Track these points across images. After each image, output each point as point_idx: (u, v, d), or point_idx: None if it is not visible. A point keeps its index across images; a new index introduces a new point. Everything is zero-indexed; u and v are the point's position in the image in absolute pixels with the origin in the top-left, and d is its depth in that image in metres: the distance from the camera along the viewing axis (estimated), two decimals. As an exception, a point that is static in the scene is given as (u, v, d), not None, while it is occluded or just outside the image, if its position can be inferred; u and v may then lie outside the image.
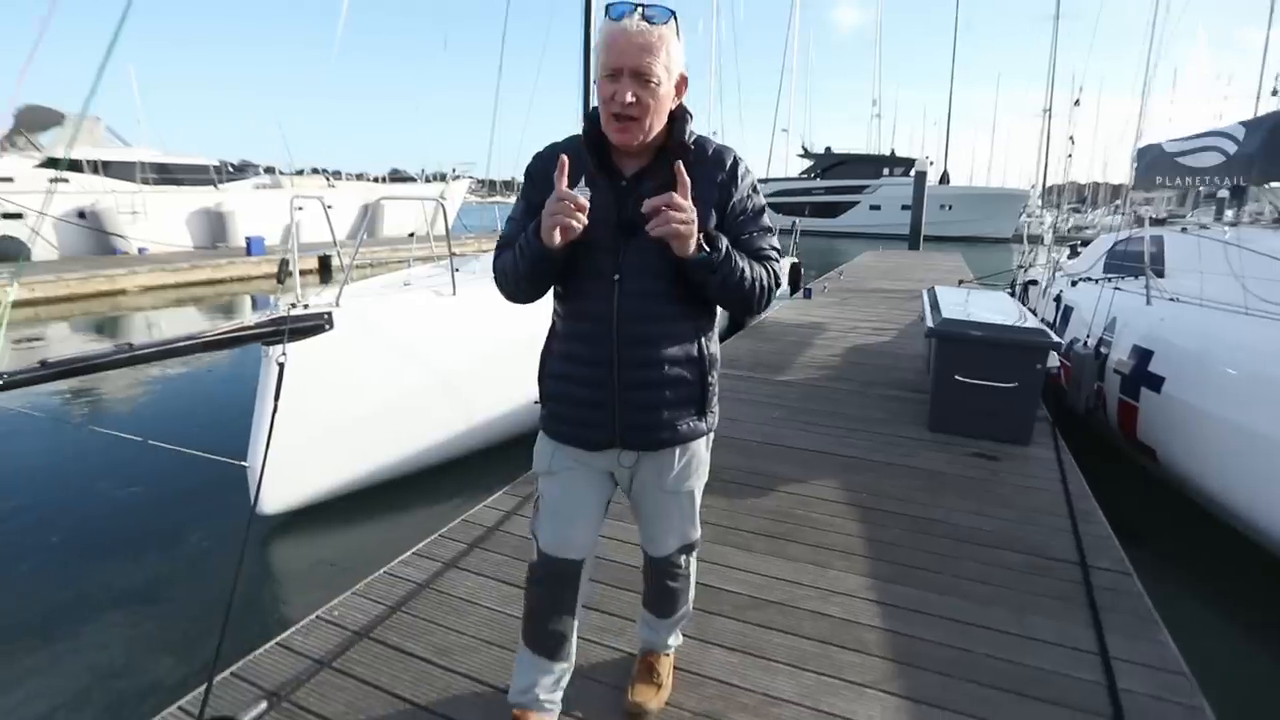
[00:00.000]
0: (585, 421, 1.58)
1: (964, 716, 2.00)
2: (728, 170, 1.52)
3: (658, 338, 1.52)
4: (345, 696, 2.02)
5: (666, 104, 1.44)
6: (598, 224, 1.43)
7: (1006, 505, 3.44)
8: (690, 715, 1.99)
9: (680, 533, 1.79)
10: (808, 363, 6.38)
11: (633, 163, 1.51)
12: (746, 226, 1.53)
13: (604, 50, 1.40)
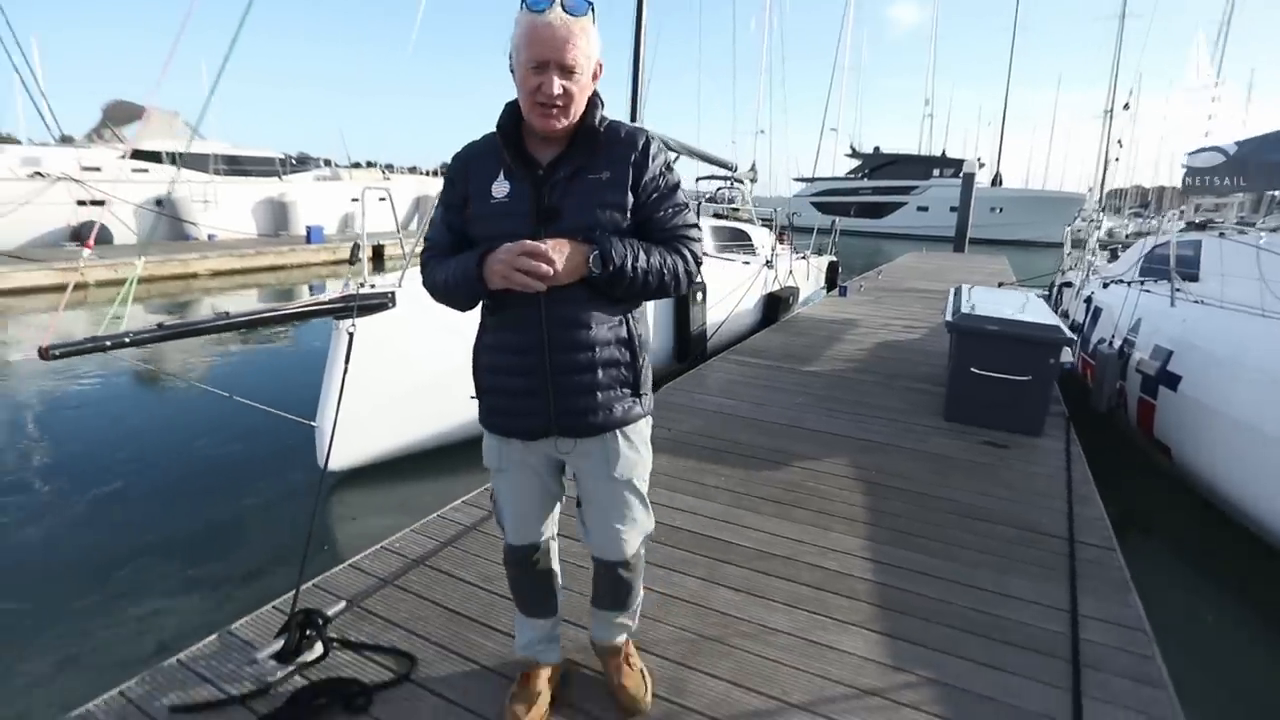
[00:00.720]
0: (520, 411, 1.60)
1: (936, 653, 2.29)
2: (639, 149, 1.53)
3: (586, 321, 1.54)
4: (406, 606, 2.42)
5: (587, 91, 1.50)
6: (517, 216, 1.49)
7: (1008, 487, 3.67)
8: (695, 638, 2.32)
9: (640, 527, 1.78)
10: (835, 355, 6.62)
11: (548, 150, 1.54)
12: (660, 204, 1.56)
13: (527, 44, 1.41)
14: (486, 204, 1.53)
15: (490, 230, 1.51)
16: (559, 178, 1.50)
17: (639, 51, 8.14)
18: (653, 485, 1.77)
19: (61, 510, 4.27)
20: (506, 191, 1.50)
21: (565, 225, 1.47)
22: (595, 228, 1.49)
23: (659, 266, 1.51)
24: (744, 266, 8.05)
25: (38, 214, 15.02)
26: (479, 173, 1.55)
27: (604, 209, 1.50)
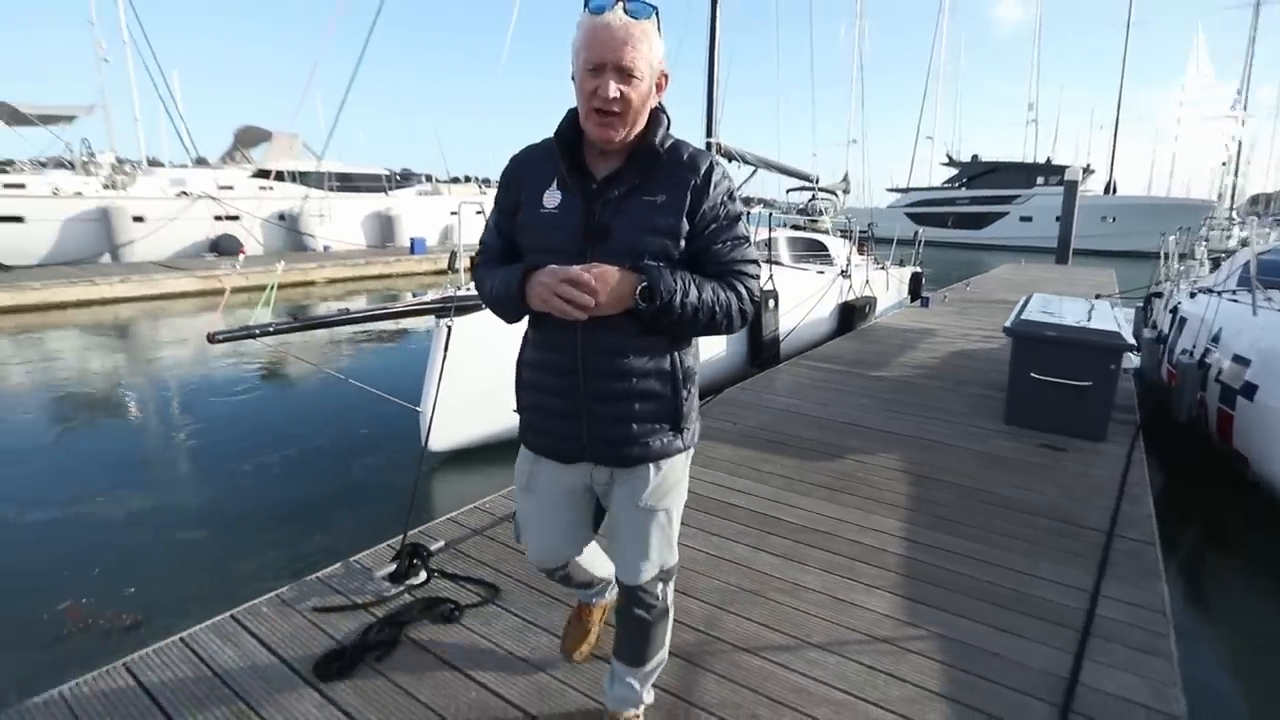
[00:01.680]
0: (556, 432, 1.56)
1: (952, 615, 2.54)
2: (701, 175, 1.46)
3: (624, 348, 1.48)
4: (493, 551, 2.89)
5: (648, 101, 1.43)
6: (564, 229, 1.44)
7: (1056, 485, 3.80)
8: (736, 590, 2.67)
9: (657, 557, 1.65)
10: (905, 362, 6.76)
11: (605, 164, 1.48)
12: (719, 235, 1.48)
13: (585, 45, 1.36)
14: (536, 213, 1.47)
15: (536, 241, 1.48)
16: (612, 195, 1.43)
17: (713, 60, 8.51)
18: (715, 469, 1.99)
19: (229, 470, 5.21)
20: (557, 202, 1.45)
21: (613, 246, 1.41)
22: (644, 253, 1.42)
23: (710, 304, 1.42)
24: (818, 276, 8.27)
25: (182, 228, 16.85)
26: (532, 179, 1.50)
27: (655, 234, 1.42)
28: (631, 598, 1.70)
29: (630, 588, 1.68)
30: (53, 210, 14.95)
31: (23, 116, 16.67)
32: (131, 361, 9.00)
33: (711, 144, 8.58)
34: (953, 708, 2.06)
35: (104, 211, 15.36)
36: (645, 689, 1.85)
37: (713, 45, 8.49)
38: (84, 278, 12.49)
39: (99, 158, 17.60)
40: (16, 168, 17.18)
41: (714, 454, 4.12)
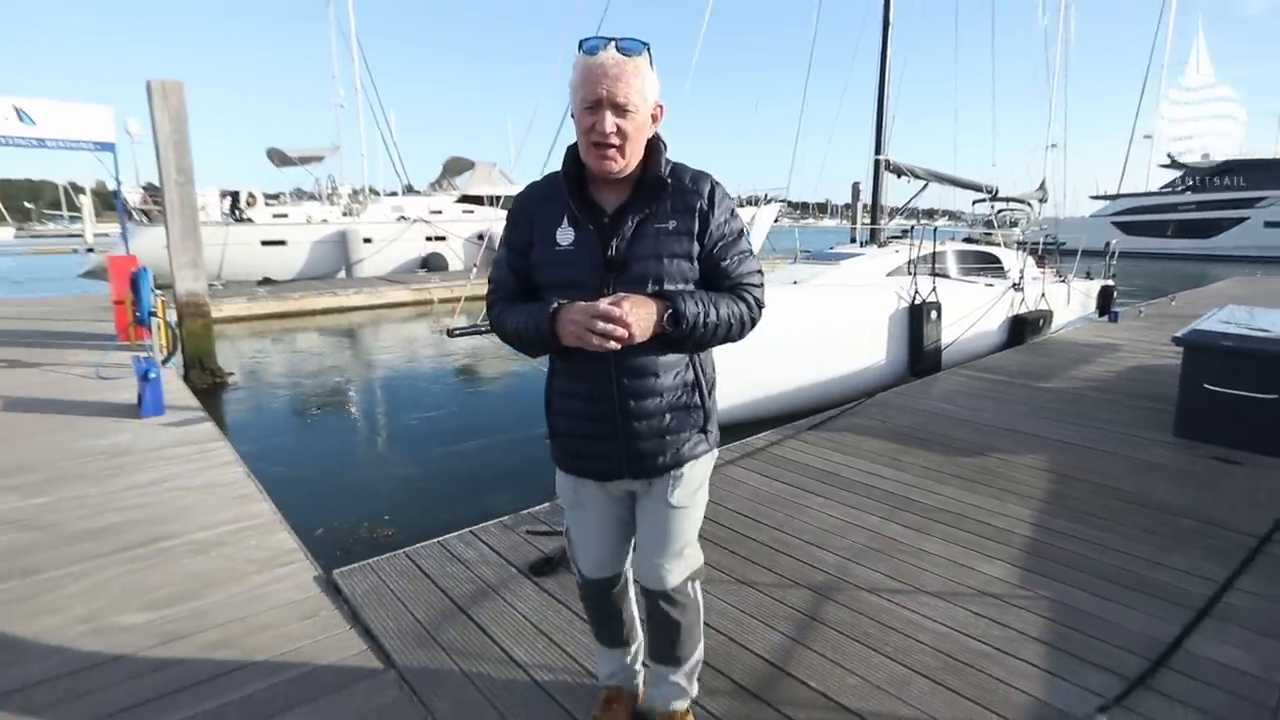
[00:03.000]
0: (593, 454, 1.63)
1: (1063, 584, 2.80)
2: (706, 197, 1.53)
3: (655, 368, 1.55)
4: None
5: (644, 132, 1.49)
6: (585, 264, 1.49)
7: (1215, 492, 3.78)
8: (865, 548, 3.11)
9: (685, 554, 1.74)
10: (1076, 375, 6.60)
11: (613, 197, 1.54)
12: (727, 252, 1.56)
13: (581, 83, 1.42)
14: (551, 250, 1.53)
15: (556, 278, 1.53)
16: (625, 226, 1.50)
17: (883, 80, 8.73)
18: (859, 457, 2.30)
19: (456, 438, 6.39)
20: (571, 239, 1.51)
21: (633, 275, 1.48)
22: (663, 278, 1.49)
23: (727, 318, 1.52)
24: (986, 289, 8.18)
25: (400, 248, 19.48)
26: (542, 217, 1.55)
27: (672, 259, 1.51)
28: (665, 601, 1.74)
29: (662, 593, 1.73)
30: (306, 235, 18.02)
31: (289, 159, 20.22)
32: (365, 355, 10.85)
33: (880, 160, 8.82)
34: (1045, 650, 2.38)
35: (342, 235, 18.24)
36: (691, 683, 1.92)
37: (883, 66, 8.74)
38: (328, 290, 15.00)
39: (340, 190, 20.87)
40: (280, 200, 20.84)
41: (859, 445, 4.51)
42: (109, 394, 5.92)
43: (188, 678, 2.23)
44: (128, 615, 2.60)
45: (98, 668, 2.29)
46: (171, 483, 3.95)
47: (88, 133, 10.58)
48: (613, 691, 1.99)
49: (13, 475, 4.02)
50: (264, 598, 2.73)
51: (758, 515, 3.49)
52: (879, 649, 2.40)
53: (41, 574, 2.90)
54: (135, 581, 2.85)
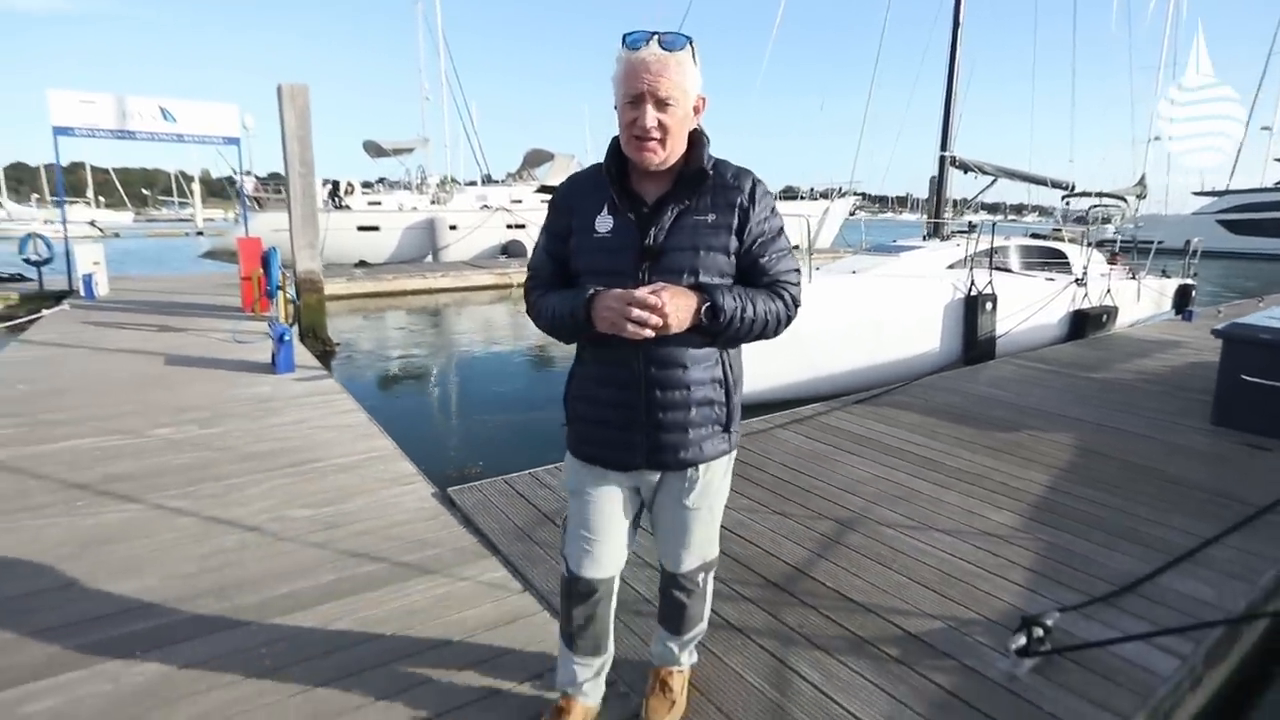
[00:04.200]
0: (614, 443, 1.62)
1: (1060, 531, 3.23)
2: (747, 193, 1.55)
3: (685, 360, 1.56)
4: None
5: (686, 125, 1.50)
6: (623, 251, 1.51)
7: (1237, 471, 4.07)
8: (888, 495, 3.60)
9: (700, 550, 1.78)
10: (1129, 367, 6.78)
11: (653, 188, 1.55)
12: (766, 249, 1.57)
13: (624, 78, 1.44)
14: (589, 238, 1.55)
15: (592, 265, 1.55)
16: (665, 217, 1.51)
17: (952, 77, 8.95)
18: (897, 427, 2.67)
19: (532, 401, 6.98)
20: (610, 227, 1.53)
21: (669, 265, 1.50)
22: (699, 270, 1.51)
23: (763, 315, 1.53)
24: (1046, 283, 8.34)
25: (483, 235, 20.51)
26: (583, 205, 1.58)
27: (709, 251, 1.52)
28: (673, 583, 1.85)
29: (672, 574, 1.83)
30: (397, 221, 19.25)
31: (384, 150, 21.57)
32: (450, 332, 11.80)
33: (945, 156, 9.06)
34: (1031, 575, 2.85)
35: (430, 221, 19.39)
36: (684, 653, 1.99)
37: (952, 65, 8.96)
38: (417, 272, 16.10)
39: (429, 179, 22.12)
40: (375, 189, 22.27)
41: (899, 418, 4.96)
42: (245, 354, 6.91)
43: (344, 552, 2.96)
44: (295, 510, 3.37)
45: (280, 540, 3.06)
46: (310, 423, 4.77)
47: (218, 128, 11.86)
48: (567, 701, 1.87)
49: (187, 412, 4.94)
50: (395, 506, 3.46)
51: (799, 468, 4.02)
52: (888, 565, 2.92)
53: (228, 480, 3.72)
54: (296, 489, 3.63)
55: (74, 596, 2.61)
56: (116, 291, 11.32)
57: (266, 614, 2.50)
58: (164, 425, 4.63)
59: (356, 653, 2.29)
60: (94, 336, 7.71)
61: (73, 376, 5.92)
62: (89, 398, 5.26)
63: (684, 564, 1.79)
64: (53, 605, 2.55)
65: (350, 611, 2.53)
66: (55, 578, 2.74)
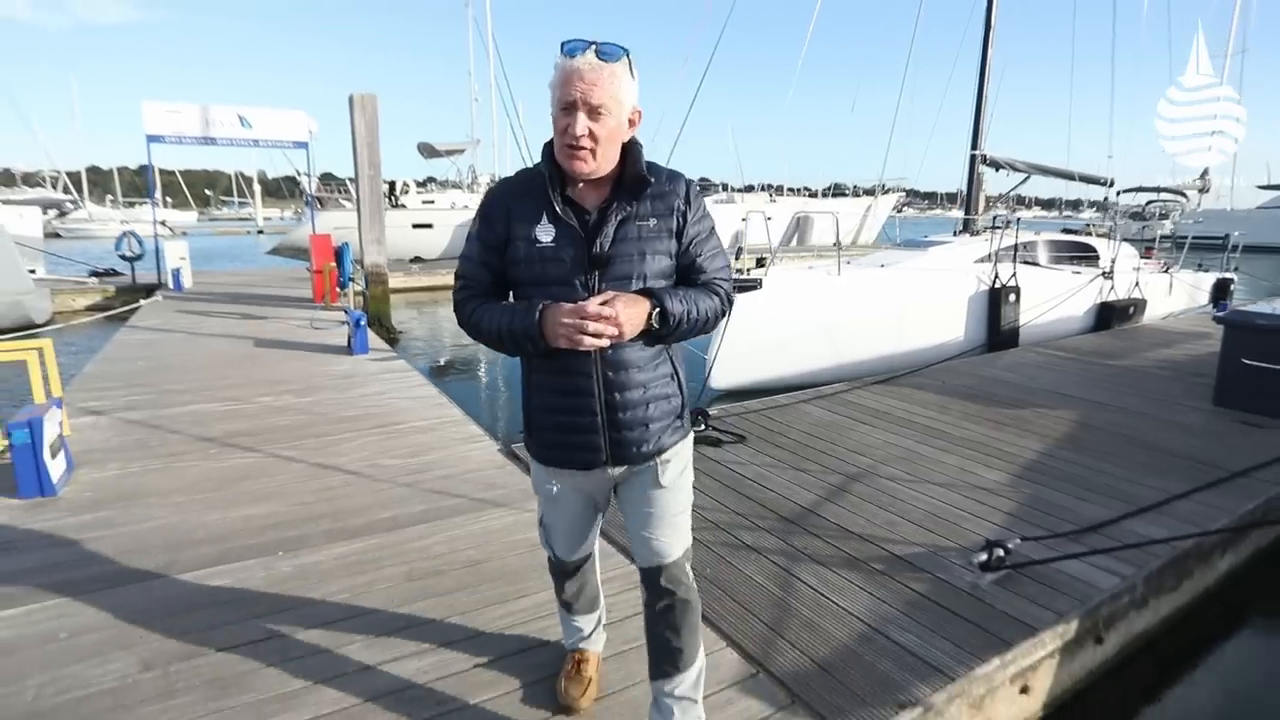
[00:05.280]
0: (576, 445, 1.64)
1: (1046, 489, 3.68)
2: (683, 197, 1.58)
3: (638, 362, 1.59)
4: (743, 423, 4.65)
5: (619, 135, 1.50)
6: (569, 260, 1.51)
7: (1225, 445, 4.43)
8: (892, 456, 4.09)
9: (682, 533, 1.77)
10: (1149, 356, 7.07)
11: (593, 195, 1.56)
12: (701, 248, 1.61)
13: (559, 84, 1.44)
14: (532, 248, 1.53)
15: (536, 275, 1.54)
16: (608, 225, 1.52)
17: (983, 77, 9.25)
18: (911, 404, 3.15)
19: None
20: (552, 236, 1.52)
21: (617, 273, 1.52)
22: (645, 275, 1.54)
23: (704, 312, 1.58)
24: (1072, 276, 8.61)
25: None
26: (520, 214, 1.55)
27: (655, 256, 1.55)
28: (666, 579, 1.73)
29: (660, 569, 1.73)
30: (449, 219, 20.12)
31: (436, 151, 22.51)
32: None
33: (975, 155, 9.38)
34: (1008, 517, 3.33)
35: (482, 219, 20.20)
36: (697, 692, 1.82)
37: (983, 66, 9.27)
38: (470, 268, 16.92)
39: (479, 179, 23.00)
40: (428, 188, 23.25)
41: (914, 396, 5.43)
42: (323, 338, 7.69)
43: (430, 490, 3.60)
44: (386, 460, 4.03)
45: (376, 481, 3.71)
46: (388, 394, 5.47)
47: (288, 134, 12.78)
48: (581, 654, 2.11)
49: (283, 384, 5.68)
50: (468, 458, 4.09)
51: (817, 434, 4.54)
52: (885, 508, 3.43)
53: (326, 437, 4.42)
54: (384, 444, 4.30)
55: (225, 515, 3.30)
56: (200, 284, 12.35)
57: (373, 531, 3.15)
58: (265, 395, 5.38)
59: (447, 558, 2.92)
60: (189, 323, 8.62)
61: (179, 355, 6.76)
62: (198, 372, 6.06)
63: (674, 548, 1.74)
64: (210, 521, 3.24)
65: (438, 531, 3.16)
66: (207, 503, 3.44)
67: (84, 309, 11.72)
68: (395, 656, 2.25)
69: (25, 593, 2.60)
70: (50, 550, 2.93)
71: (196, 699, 2.05)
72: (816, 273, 7.42)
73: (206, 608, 2.53)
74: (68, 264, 14.30)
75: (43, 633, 2.37)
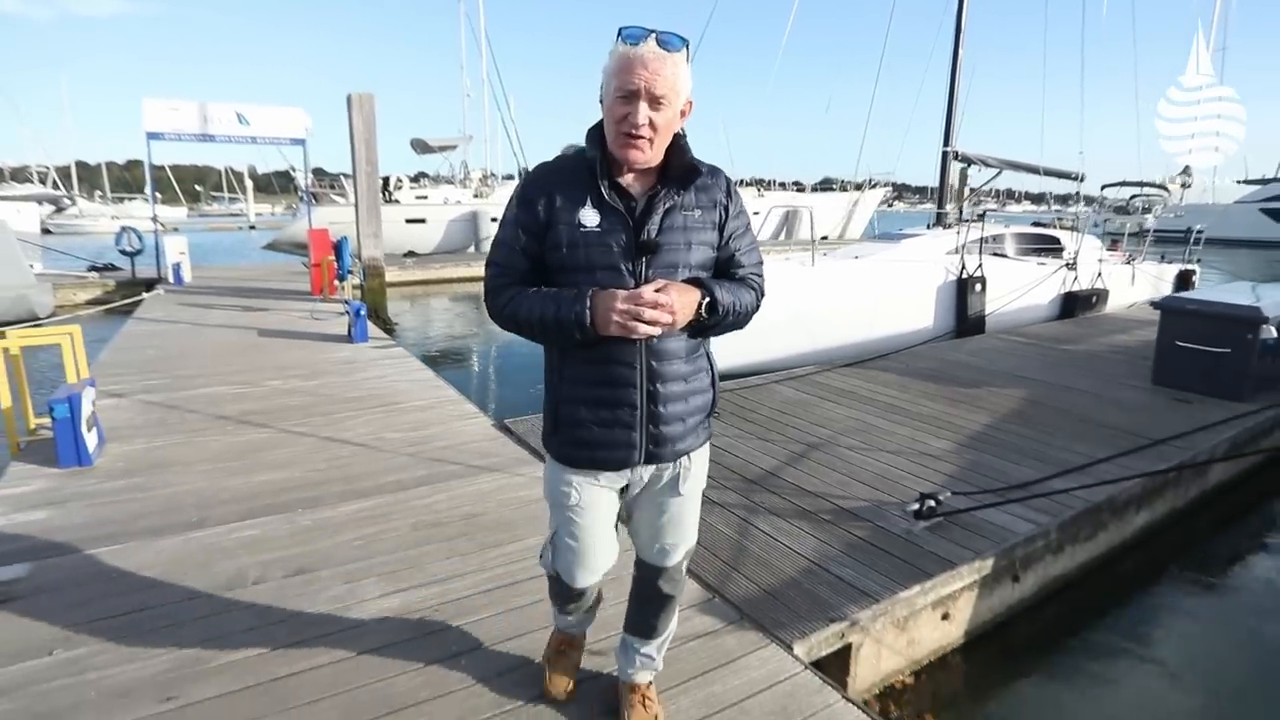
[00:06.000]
0: (615, 443, 1.60)
1: (982, 454, 4.10)
2: (724, 190, 1.59)
3: (682, 353, 1.59)
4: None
5: (674, 126, 1.50)
6: (613, 248, 1.49)
7: (1151, 417, 4.87)
8: (850, 428, 4.50)
9: (688, 538, 1.79)
10: (1104, 341, 7.52)
11: (639, 183, 1.54)
12: (741, 241, 1.63)
13: (618, 72, 1.43)
14: (575, 232, 1.51)
15: (580, 260, 1.51)
16: (656, 212, 1.51)
17: (955, 73, 9.67)
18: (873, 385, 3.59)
19: None
20: (598, 221, 1.50)
21: (664, 261, 1.51)
22: (690, 265, 1.54)
23: (745, 306, 1.59)
24: (1037, 267, 9.06)
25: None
26: (563, 198, 1.52)
27: (699, 246, 1.56)
28: (658, 577, 1.81)
29: (662, 570, 1.79)
30: (442, 214, 20.45)
31: (429, 147, 22.82)
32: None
33: (948, 151, 9.81)
34: (946, 478, 3.75)
35: (473, 214, 20.53)
36: (659, 656, 1.96)
37: (954, 64, 9.70)
38: (462, 261, 17.26)
39: (471, 174, 23.31)
40: (421, 184, 23.55)
41: (879, 377, 5.86)
42: (324, 328, 8.05)
43: (430, 458, 4.00)
44: (389, 433, 4.42)
45: (381, 451, 4.10)
46: (389, 378, 5.85)
47: (285, 131, 13.07)
48: (569, 637, 2.06)
49: (288, 370, 6.05)
50: (464, 431, 4.48)
51: (785, 410, 4.96)
52: (838, 471, 3.85)
53: (333, 415, 4.80)
54: (387, 420, 4.68)
55: (247, 480, 3.68)
56: (199, 279, 12.65)
57: (381, 492, 3.54)
58: (273, 379, 5.75)
59: (447, 512, 3.31)
60: (193, 315, 8.95)
61: (187, 344, 7.11)
62: (207, 359, 6.42)
63: (674, 555, 1.78)
64: (234, 485, 3.62)
65: (439, 491, 3.55)
66: (229, 470, 3.81)
67: (84, 303, 12.01)
68: (403, 587, 2.65)
69: (82, 541, 2.98)
70: (96, 509, 3.31)
71: (239, 618, 2.44)
72: (791, 264, 7.82)
73: (239, 553, 2.91)
74: (66, 259, 14.53)
75: (102, 572, 2.75)
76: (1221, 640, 3.37)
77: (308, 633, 2.36)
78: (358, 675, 2.15)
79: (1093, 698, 2.87)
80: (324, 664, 2.20)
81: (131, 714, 1.97)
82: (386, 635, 2.35)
